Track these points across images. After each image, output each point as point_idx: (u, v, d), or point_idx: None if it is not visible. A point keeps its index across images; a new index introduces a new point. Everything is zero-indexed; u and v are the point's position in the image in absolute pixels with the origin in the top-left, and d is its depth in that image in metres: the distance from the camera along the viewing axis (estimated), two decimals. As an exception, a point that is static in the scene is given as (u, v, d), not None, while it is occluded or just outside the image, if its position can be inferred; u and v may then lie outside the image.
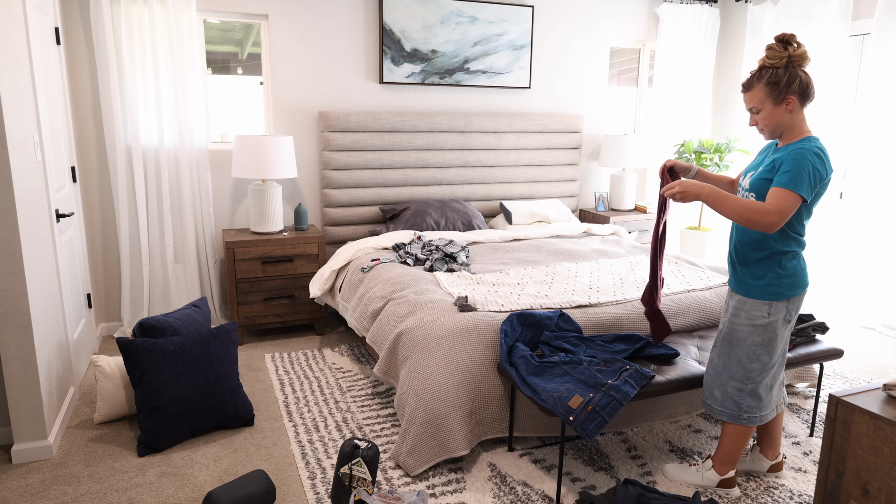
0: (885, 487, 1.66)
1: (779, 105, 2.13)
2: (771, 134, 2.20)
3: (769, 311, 2.20)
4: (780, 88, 2.11)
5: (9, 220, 2.41)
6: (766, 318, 2.21)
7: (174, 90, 3.85)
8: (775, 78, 2.11)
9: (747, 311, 2.23)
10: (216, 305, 4.21)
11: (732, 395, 2.31)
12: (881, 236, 4.32)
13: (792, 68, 2.11)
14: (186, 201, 3.98)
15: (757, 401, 2.29)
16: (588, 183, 5.32)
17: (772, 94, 2.13)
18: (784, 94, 2.11)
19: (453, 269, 3.48)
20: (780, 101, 2.13)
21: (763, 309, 2.21)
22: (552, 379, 2.41)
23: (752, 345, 2.24)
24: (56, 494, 2.38)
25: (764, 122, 2.17)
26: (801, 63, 2.13)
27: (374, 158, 4.36)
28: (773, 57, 2.13)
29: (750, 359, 2.26)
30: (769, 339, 2.23)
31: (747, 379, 2.27)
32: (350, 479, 2.23)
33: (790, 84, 2.10)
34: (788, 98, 2.12)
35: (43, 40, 3.02)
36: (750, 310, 2.23)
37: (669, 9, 5.08)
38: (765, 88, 2.13)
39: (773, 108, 2.14)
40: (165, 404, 2.68)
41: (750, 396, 2.29)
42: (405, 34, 4.38)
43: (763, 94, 2.14)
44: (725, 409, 2.33)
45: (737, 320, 2.26)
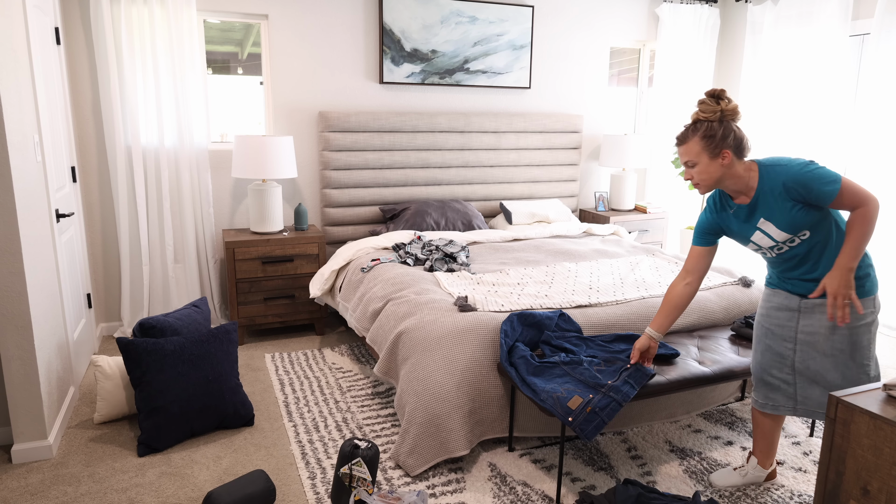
0: (885, 487, 1.66)
1: (715, 159, 2.14)
2: (707, 188, 2.19)
3: (874, 305, 2.17)
4: (716, 142, 2.12)
5: (9, 220, 2.41)
6: (872, 313, 2.16)
7: (174, 90, 3.85)
8: (710, 132, 2.12)
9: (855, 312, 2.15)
10: (216, 305, 4.21)
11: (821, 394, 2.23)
12: (881, 236, 4.32)
13: (726, 122, 2.13)
14: (186, 201, 3.98)
15: None
16: (588, 183, 5.32)
17: (707, 147, 2.13)
18: (720, 147, 2.12)
19: (453, 269, 3.48)
20: (717, 155, 2.13)
21: (868, 304, 2.16)
22: (552, 379, 2.41)
23: (869, 343, 2.18)
24: (56, 494, 2.38)
25: (700, 176, 2.17)
26: (734, 117, 2.15)
27: (374, 158, 4.36)
28: (706, 111, 2.14)
29: (867, 359, 2.18)
30: (874, 333, 2.18)
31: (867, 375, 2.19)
32: (350, 479, 2.23)
33: (725, 137, 2.11)
34: (724, 152, 2.12)
35: (43, 40, 3.02)
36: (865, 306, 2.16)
37: (669, 9, 5.08)
38: (700, 142, 2.13)
39: (710, 162, 2.14)
40: (165, 404, 2.68)
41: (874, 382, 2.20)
42: (405, 34, 4.38)
43: (699, 147, 2.14)
44: None
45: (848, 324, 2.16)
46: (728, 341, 2.88)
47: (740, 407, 3.17)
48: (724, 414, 3.10)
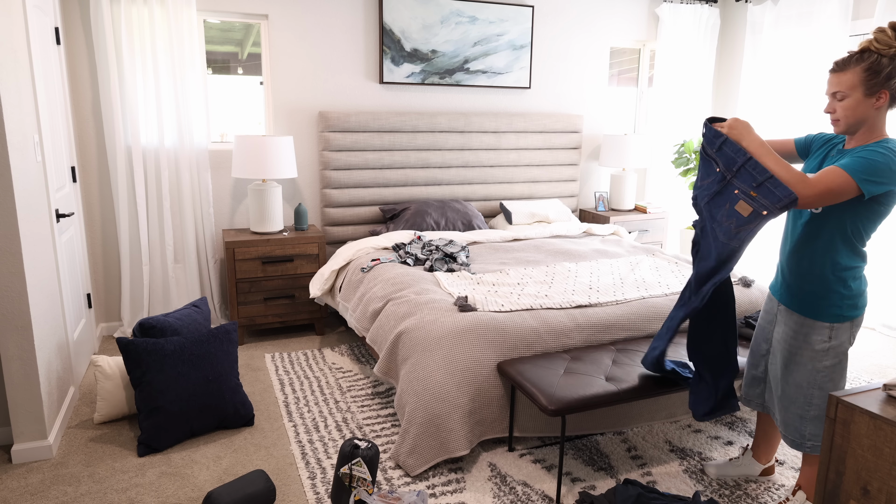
0: (885, 487, 1.66)
1: (869, 97, 1.88)
2: (847, 127, 1.94)
3: (830, 335, 2.00)
4: (879, 79, 1.85)
5: (9, 220, 2.41)
6: (826, 343, 2.01)
7: (174, 90, 3.85)
8: (877, 66, 1.85)
9: (805, 333, 2.04)
10: (216, 305, 4.21)
11: (793, 421, 2.11)
12: (881, 236, 4.32)
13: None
14: (186, 201, 3.98)
15: (820, 429, 2.07)
16: (588, 183, 5.32)
17: (867, 82, 1.86)
18: (880, 86, 1.86)
19: (453, 269, 3.48)
20: (873, 94, 1.87)
21: (822, 332, 2.01)
22: None
23: (813, 370, 2.04)
24: (56, 494, 2.38)
25: (845, 112, 1.92)
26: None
27: (374, 158, 4.36)
28: (883, 42, 1.85)
29: (811, 384, 2.05)
30: (832, 365, 2.02)
31: (808, 405, 2.07)
32: (350, 479, 2.23)
33: (891, 78, 1.85)
34: (882, 92, 1.87)
35: (43, 40, 3.02)
36: (808, 332, 2.03)
37: (669, 9, 5.08)
38: (861, 74, 1.87)
39: (862, 99, 1.89)
40: (165, 404, 2.68)
41: (811, 423, 2.08)
42: (405, 34, 4.38)
43: (857, 79, 1.87)
44: (788, 434, 2.13)
45: (794, 342, 2.07)
46: (728, 341, 2.88)
47: (740, 407, 3.17)
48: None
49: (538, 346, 2.74)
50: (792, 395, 2.11)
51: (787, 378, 2.12)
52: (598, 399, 2.36)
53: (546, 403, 2.29)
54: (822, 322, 2.02)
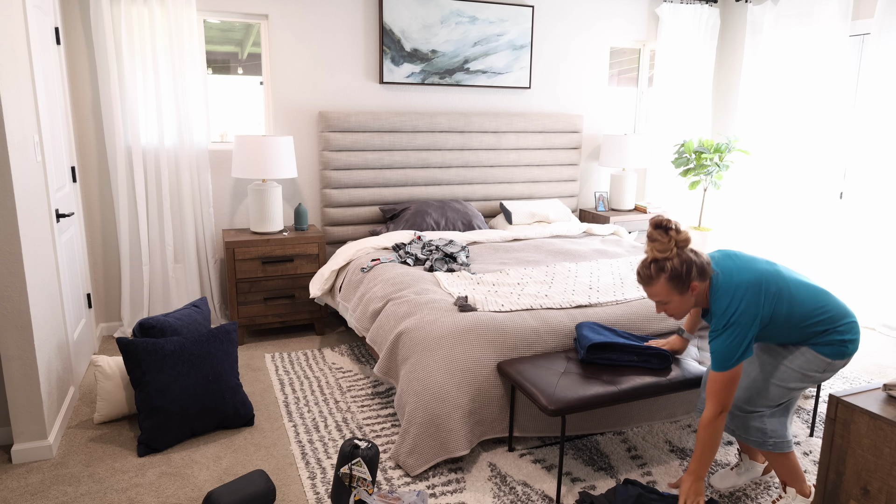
0: (885, 487, 1.66)
1: (685, 293, 2.14)
2: (682, 316, 2.22)
3: (825, 368, 2.12)
4: (683, 280, 2.11)
5: (9, 220, 2.41)
6: (819, 374, 2.13)
7: (174, 90, 3.85)
8: (675, 273, 2.10)
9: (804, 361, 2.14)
10: (216, 305, 4.21)
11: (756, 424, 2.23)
12: (881, 236, 4.32)
13: (682, 254, 2.11)
14: (186, 201, 3.98)
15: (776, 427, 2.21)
16: (588, 183, 5.32)
17: (676, 287, 2.12)
18: (687, 283, 2.12)
19: (453, 269, 3.48)
20: (686, 290, 2.13)
21: (820, 364, 2.12)
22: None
23: (792, 389, 2.17)
24: (56, 494, 2.38)
25: (675, 311, 2.19)
26: (687, 244, 2.13)
27: (374, 158, 4.36)
28: (663, 249, 2.12)
29: (781, 398, 2.19)
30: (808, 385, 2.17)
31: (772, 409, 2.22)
32: (350, 479, 2.23)
33: (689, 273, 2.10)
34: (692, 285, 2.12)
35: (43, 40, 3.02)
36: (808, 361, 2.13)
37: (669, 9, 5.08)
38: (667, 284, 2.13)
39: (681, 298, 2.15)
40: (165, 404, 2.68)
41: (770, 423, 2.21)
42: (405, 34, 4.38)
43: (665, 289, 2.14)
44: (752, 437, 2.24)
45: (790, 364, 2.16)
46: (728, 341, 2.88)
47: (740, 407, 3.17)
48: (724, 414, 3.10)
49: (538, 346, 2.74)
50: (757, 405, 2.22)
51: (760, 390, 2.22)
52: (598, 399, 2.36)
53: (546, 403, 2.29)
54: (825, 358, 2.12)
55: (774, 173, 4.95)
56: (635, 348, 2.57)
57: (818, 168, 4.65)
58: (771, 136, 4.95)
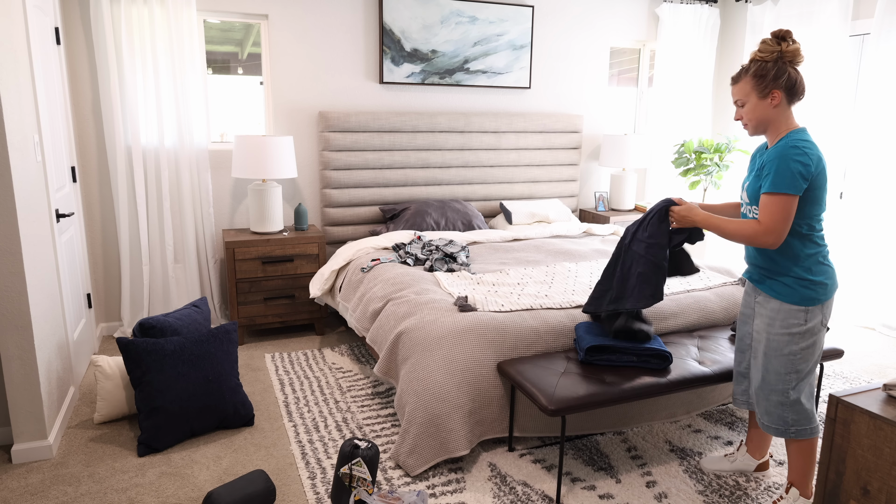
0: (885, 487, 1.66)
1: (763, 99, 2.10)
2: (755, 129, 2.16)
3: (805, 318, 2.10)
4: (767, 82, 2.07)
5: (9, 220, 2.41)
6: (802, 326, 2.10)
7: (174, 90, 3.85)
8: (762, 71, 2.08)
9: (783, 319, 2.13)
10: (216, 305, 4.21)
11: (775, 409, 2.19)
12: (881, 236, 4.32)
13: (782, 63, 2.07)
14: (186, 201, 3.98)
15: (801, 413, 2.17)
16: (588, 183, 5.32)
17: (757, 87, 2.09)
18: (770, 87, 2.08)
19: (453, 269, 3.48)
20: (766, 95, 2.09)
21: (799, 316, 2.10)
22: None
23: (790, 354, 2.13)
24: (56, 494, 2.38)
25: (748, 116, 2.14)
26: (794, 60, 2.08)
27: (374, 158, 4.36)
28: (765, 51, 2.09)
29: (788, 370, 2.14)
30: (806, 347, 2.12)
31: (788, 391, 2.16)
32: (350, 479, 2.23)
33: (777, 78, 2.06)
34: (774, 92, 2.08)
35: (43, 40, 3.02)
36: (786, 318, 2.12)
37: (669, 9, 5.08)
38: (751, 81, 2.10)
39: (758, 102, 2.11)
40: (165, 404, 2.68)
41: (791, 409, 2.17)
42: (405, 34, 4.38)
43: (749, 86, 2.11)
44: (771, 423, 2.21)
45: (772, 329, 2.15)
46: (728, 341, 2.88)
47: (740, 407, 3.17)
48: (724, 414, 3.10)
49: (538, 346, 2.74)
50: (772, 382, 2.19)
51: (766, 366, 2.20)
52: (598, 399, 2.36)
53: (546, 403, 2.29)
54: (796, 306, 2.11)
55: (774, 173, 4.94)
56: (634, 349, 2.58)
57: (818, 168, 4.64)
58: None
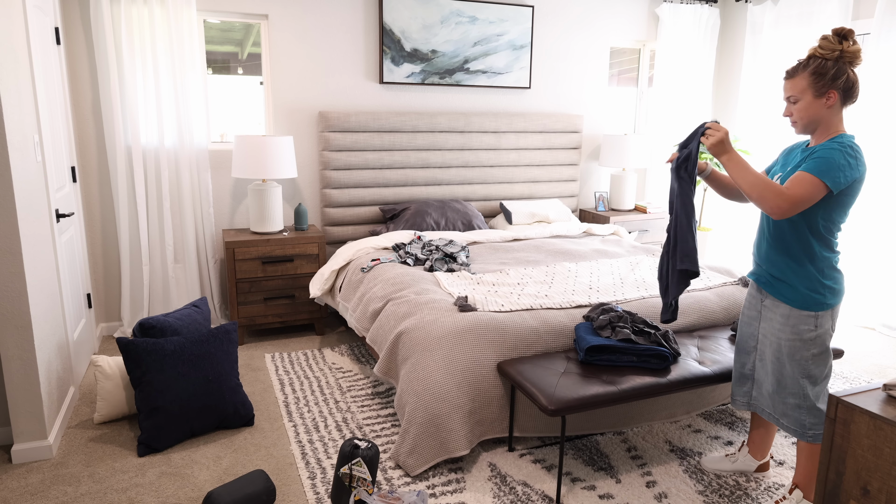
0: (885, 487, 1.66)
1: (819, 98, 2.03)
2: (804, 128, 2.09)
3: (816, 324, 2.09)
4: (825, 81, 2.01)
5: (9, 220, 2.41)
6: (813, 331, 2.10)
7: (174, 90, 3.85)
8: (822, 69, 2.01)
9: (793, 325, 2.12)
10: (216, 305, 4.21)
11: (792, 412, 2.19)
12: (881, 236, 4.32)
13: (842, 63, 2.01)
14: (186, 201, 3.98)
15: (818, 417, 2.16)
16: (588, 183, 5.32)
17: (815, 84, 2.02)
18: (827, 87, 2.01)
19: (453, 269, 3.48)
20: (822, 95, 2.02)
21: (810, 322, 2.09)
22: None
23: (803, 360, 2.13)
24: (56, 494, 2.38)
25: (799, 114, 2.07)
26: (854, 61, 2.01)
27: (374, 158, 4.36)
28: (826, 48, 2.02)
29: (803, 375, 2.14)
30: (818, 353, 2.12)
31: (804, 396, 2.15)
32: (350, 479, 2.23)
33: (836, 78, 2.00)
34: (830, 92, 2.01)
35: (43, 40, 3.02)
36: (796, 323, 2.11)
37: (669, 9, 5.08)
38: (809, 78, 2.03)
39: (813, 101, 2.04)
40: (165, 404, 2.68)
41: (809, 413, 2.16)
42: (405, 34, 4.38)
43: (806, 83, 2.03)
44: (791, 424, 2.20)
45: (783, 335, 2.15)
46: (728, 341, 2.88)
47: (740, 407, 3.17)
48: (724, 414, 3.10)
49: (538, 346, 2.74)
50: (789, 386, 2.18)
51: (781, 370, 2.19)
52: (598, 399, 2.36)
53: (546, 403, 2.29)
54: (807, 311, 2.10)
55: (774, 173, 4.95)
56: (634, 349, 2.58)
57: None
58: (771, 136, 4.95)
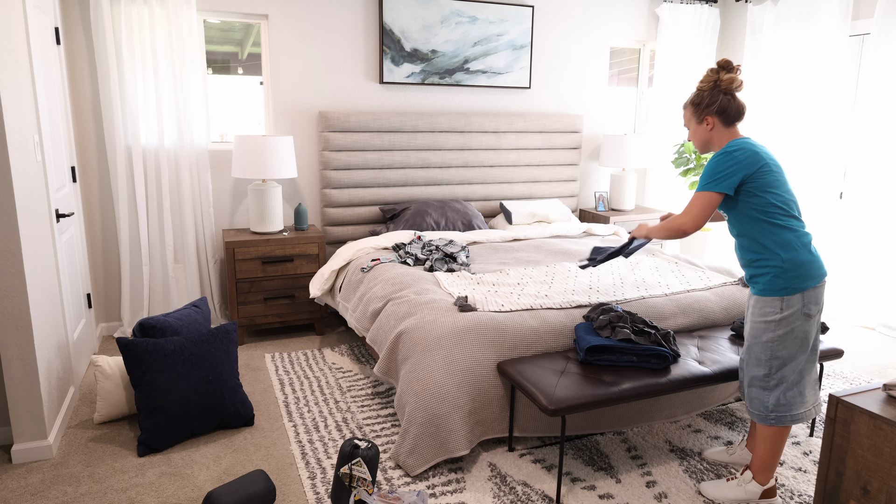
0: (885, 487, 1.66)
1: (700, 124, 2.34)
2: (701, 149, 2.40)
3: (781, 307, 2.19)
4: (701, 109, 2.32)
5: (9, 220, 2.41)
6: (778, 314, 2.20)
7: (174, 90, 3.85)
8: (698, 99, 2.33)
9: (760, 307, 2.24)
10: (216, 305, 4.21)
11: (757, 395, 2.29)
12: (881, 236, 4.32)
13: (716, 91, 2.30)
14: (186, 201, 3.98)
15: (785, 400, 2.25)
16: (588, 183, 5.32)
17: (695, 113, 2.35)
18: (704, 114, 2.32)
19: (453, 269, 3.48)
20: (701, 121, 2.34)
21: (775, 304, 2.20)
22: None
23: (767, 341, 2.23)
24: (56, 494, 2.38)
25: (693, 139, 2.40)
26: (729, 87, 2.29)
27: (374, 158, 4.36)
28: (705, 80, 2.33)
29: (767, 356, 2.24)
30: (783, 334, 2.21)
31: (767, 377, 2.25)
32: (350, 479, 2.23)
33: (710, 105, 2.30)
34: (707, 118, 2.31)
35: (43, 40, 3.02)
36: (763, 306, 2.23)
37: (669, 9, 5.08)
38: (690, 108, 2.36)
39: (697, 127, 2.36)
40: (165, 404, 2.68)
41: (772, 395, 2.25)
42: (405, 34, 4.38)
43: (689, 113, 2.37)
44: (754, 409, 2.31)
45: (753, 318, 2.28)
46: (728, 341, 2.88)
47: (740, 407, 3.17)
48: (724, 414, 3.10)
49: (538, 346, 2.74)
50: (753, 368, 2.30)
51: (749, 354, 2.31)
52: (598, 399, 2.36)
53: (546, 403, 2.29)
54: (773, 297, 2.21)
55: (774, 173, 4.95)
56: (634, 349, 2.58)
57: (818, 168, 4.65)
58: (771, 136, 4.95)
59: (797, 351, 2.23)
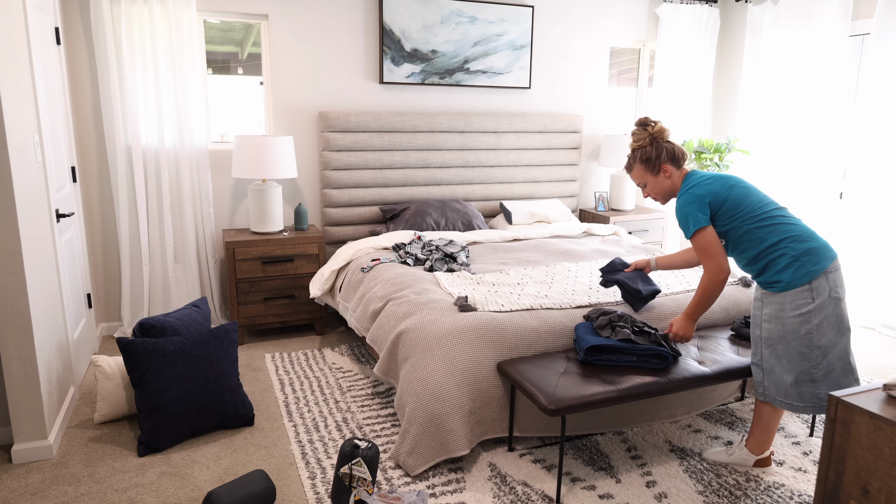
0: (885, 487, 1.66)
1: (657, 175, 2.51)
2: (663, 199, 2.55)
3: (812, 296, 2.24)
4: (653, 162, 2.48)
5: (9, 220, 2.41)
6: (811, 303, 2.24)
7: (174, 90, 3.85)
8: (646, 156, 2.49)
9: (791, 301, 2.27)
10: (216, 305, 4.21)
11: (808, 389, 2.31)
12: (881, 236, 4.32)
13: (657, 142, 2.48)
14: (186, 201, 3.98)
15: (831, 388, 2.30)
16: (588, 183, 5.32)
17: (648, 169, 2.50)
18: (658, 165, 2.48)
19: (453, 269, 3.48)
20: (657, 173, 2.50)
21: (805, 296, 2.24)
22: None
23: (806, 333, 2.26)
24: (56, 494, 2.38)
25: (653, 192, 2.54)
26: (662, 136, 2.48)
27: (374, 158, 4.36)
28: (639, 139, 2.50)
29: (808, 347, 2.27)
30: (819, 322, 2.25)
31: (814, 368, 2.29)
32: (350, 479, 2.23)
33: (659, 156, 2.47)
34: (663, 167, 2.48)
35: (43, 40, 3.02)
36: (794, 300, 2.26)
37: (669, 9, 5.08)
38: (641, 166, 2.51)
39: (654, 179, 2.52)
40: (165, 404, 2.68)
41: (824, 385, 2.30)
42: (405, 34, 4.38)
43: (641, 171, 2.52)
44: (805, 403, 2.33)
45: (783, 314, 2.29)
46: (728, 341, 2.88)
47: (740, 407, 3.17)
48: (724, 414, 3.10)
49: (538, 346, 2.74)
50: (798, 364, 2.31)
51: (787, 349, 2.32)
52: (598, 399, 2.36)
53: (546, 403, 2.29)
54: (801, 287, 2.26)
55: (774, 173, 4.95)
56: (634, 349, 2.58)
57: (818, 168, 4.65)
58: (771, 136, 4.95)
59: (836, 335, 2.28)
